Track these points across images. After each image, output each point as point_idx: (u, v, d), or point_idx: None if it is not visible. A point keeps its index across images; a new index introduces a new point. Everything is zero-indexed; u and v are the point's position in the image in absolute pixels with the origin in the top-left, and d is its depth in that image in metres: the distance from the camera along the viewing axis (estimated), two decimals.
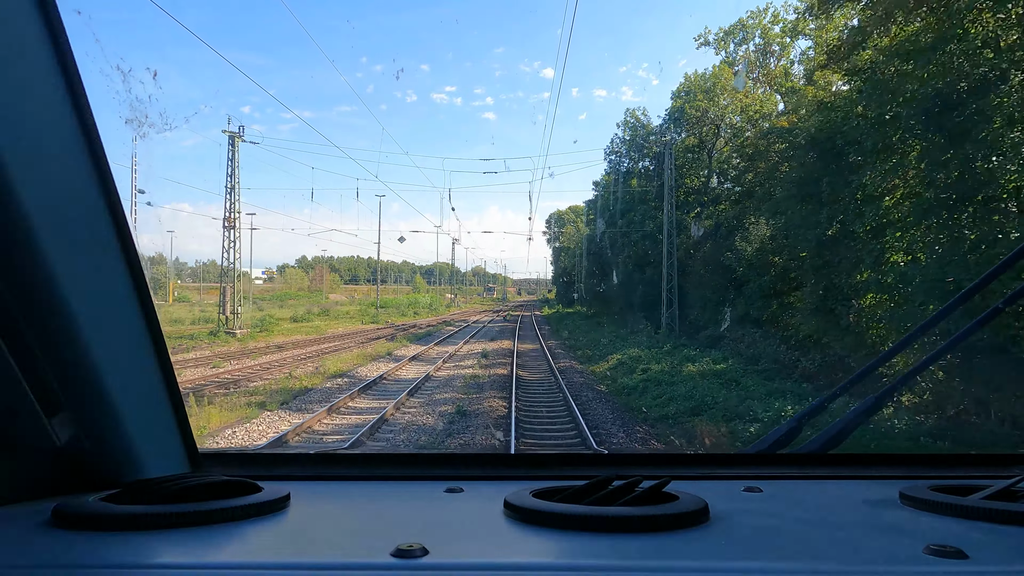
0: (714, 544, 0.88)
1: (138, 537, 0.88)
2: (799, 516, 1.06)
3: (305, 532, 0.94)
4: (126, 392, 1.06)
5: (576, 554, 0.85)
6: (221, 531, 0.91)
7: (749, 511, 1.05)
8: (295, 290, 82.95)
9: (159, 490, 1.00)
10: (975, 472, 1.32)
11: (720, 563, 0.81)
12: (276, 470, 1.31)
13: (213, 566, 0.80)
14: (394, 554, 0.81)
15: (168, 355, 1.16)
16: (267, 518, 0.98)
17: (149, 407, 1.14)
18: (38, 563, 0.80)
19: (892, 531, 0.96)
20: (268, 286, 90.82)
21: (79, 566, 0.79)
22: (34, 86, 0.89)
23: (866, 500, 1.13)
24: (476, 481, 1.24)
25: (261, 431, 11.00)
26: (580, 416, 12.16)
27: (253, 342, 26.34)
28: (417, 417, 12.26)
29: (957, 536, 0.89)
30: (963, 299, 1.45)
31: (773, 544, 0.90)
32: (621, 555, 0.82)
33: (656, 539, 0.88)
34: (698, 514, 0.96)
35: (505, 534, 0.93)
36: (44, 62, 0.90)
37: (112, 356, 1.03)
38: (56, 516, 0.93)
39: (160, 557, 0.83)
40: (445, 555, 0.83)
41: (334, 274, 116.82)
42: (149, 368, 1.13)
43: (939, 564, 0.79)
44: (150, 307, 1.10)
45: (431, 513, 1.06)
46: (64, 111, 0.93)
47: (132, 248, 1.05)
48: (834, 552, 0.86)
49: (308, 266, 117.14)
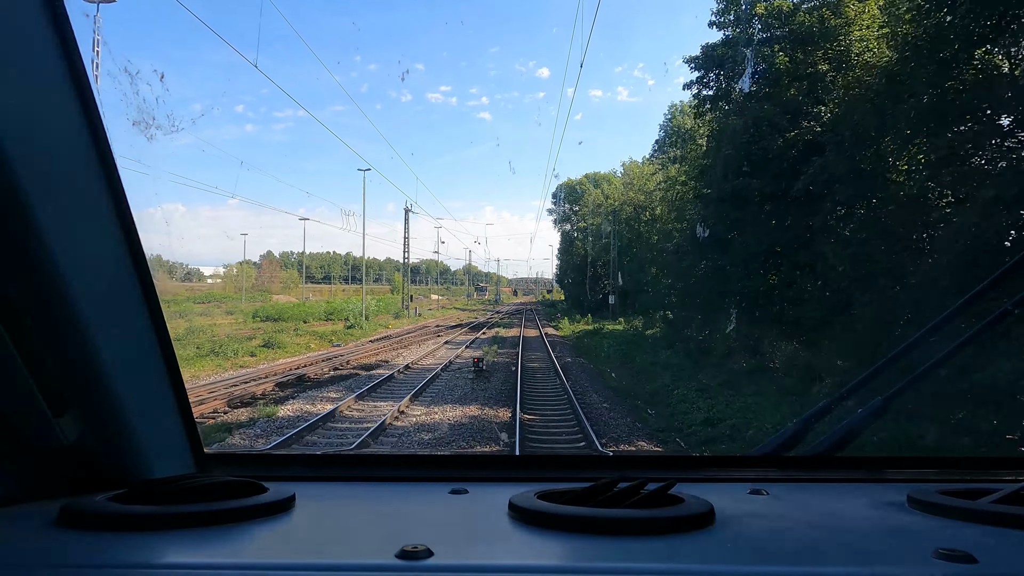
0: (720, 547, 0.87)
1: (144, 537, 0.88)
2: (806, 519, 1.05)
3: (310, 533, 0.94)
4: (132, 392, 1.07)
5: (581, 556, 0.85)
6: (227, 531, 0.91)
7: (755, 514, 1.05)
8: (232, 291, 66.40)
9: (165, 490, 1.00)
10: (984, 475, 1.31)
11: (726, 566, 0.81)
12: (281, 471, 1.31)
13: (219, 566, 0.80)
14: (399, 555, 0.81)
15: (174, 356, 1.17)
16: (272, 519, 0.98)
17: (155, 407, 1.15)
18: (45, 562, 0.80)
19: (900, 535, 0.95)
20: (201, 285, 74.51)
21: (86, 566, 0.80)
22: (43, 89, 0.90)
23: (874, 503, 1.12)
24: (481, 483, 1.23)
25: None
26: None
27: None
28: None
29: (966, 540, 0.88)
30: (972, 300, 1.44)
31: (779, 547, 0.89)
32: (626, 558, 0.82)
33: (662, 542, 0.87)
34: (704, 517, 0.95)
35: (510, 536, 0.93)
36: (53, 65, 0.90)
37: (119, 357, 1.03)
38: (63, 515, 0.93)
39: (166, 557, 0.83)
40: (450, 556, 0.82)
41: (289, 271, 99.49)
42: (155, 369, 1.14)
43: (948, 568, 0.79)
44: (156, 308, 1.11)
45: (436, 514, 1.06)
46: (73, 114, 0.94)
47: (139, 249, 1.05)
48: (841, 556, 0.86)
49: (282, 262, 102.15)
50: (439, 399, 13.53)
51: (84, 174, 0.96)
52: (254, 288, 73.37)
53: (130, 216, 1.03)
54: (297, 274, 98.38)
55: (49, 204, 0.88)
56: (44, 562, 0.81)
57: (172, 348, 1.16)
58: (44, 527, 0.92)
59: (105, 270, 1.02)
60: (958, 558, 0.80)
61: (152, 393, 1.14)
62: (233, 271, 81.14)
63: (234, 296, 60.48)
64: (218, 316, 38.58)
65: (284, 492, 1.05)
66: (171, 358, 1.15)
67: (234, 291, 65.99)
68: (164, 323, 1.13)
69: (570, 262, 60.07)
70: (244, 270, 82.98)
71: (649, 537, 0.89)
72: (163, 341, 1.13)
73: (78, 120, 0.94)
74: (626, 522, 0.91)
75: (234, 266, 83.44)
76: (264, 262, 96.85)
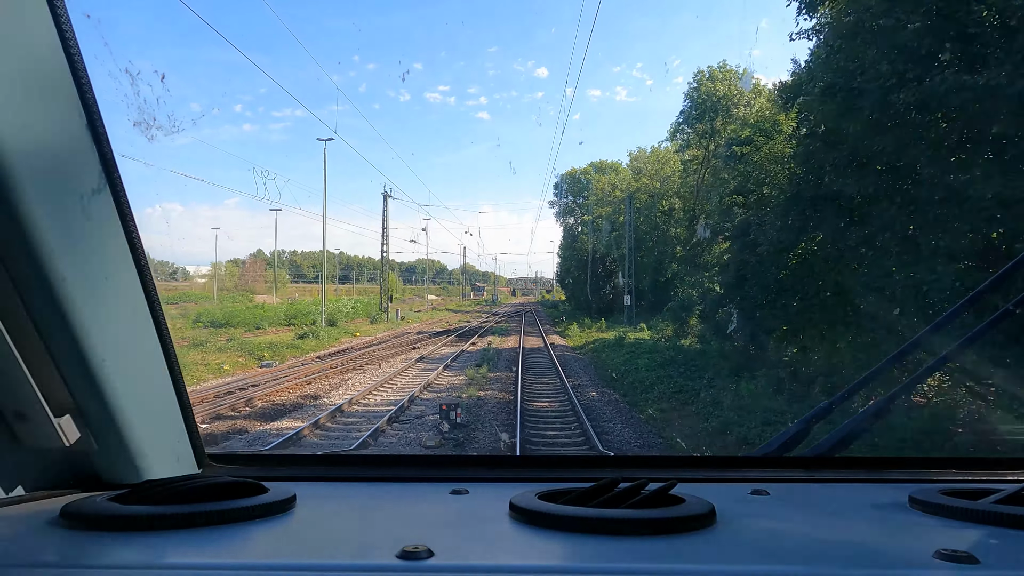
0: (721, 547, 0.87)
1: (145, 537, 0.88)
2: (807, 519, 1.05)
3: (311, 533, 0.94)
4: (134, 393, 1.07)
5: (582, 557, 0.85)
6: (228, 532, 0.91)
7: (756, 514, 1.05)
8: (212, 291, 61.48)
9: (166, 491, 1.01)
10: (986, 476, 1.31)
11: (727, 567, 0.81)
12: (282, 471, 1.31)
13: (220, 566, 0.80)
14: (400, 556, 0.81)
15: (176, 356, 1.17)
16: (273, 519, 0.98)
17: (157, 408, 1.15)
18: (47, 562, 0.80)
19: (901, 535, 0.95)
20: (185, 284, 71.30)
21: (87, 566, 0.80)
22: (44, 90, 0.90)
23: (875, 504, 1.11)
24: (482, 483, 1.23)
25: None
26: None
27: None
28: None
29: (968, 541, 0.88)
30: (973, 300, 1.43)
31: (781, 548, 0.89)
32: (628, 558, 0.82)
33: (663, 542, 0.87)
34: (705, 517, 0.95)
35: (511, 536, 0.93)
36: (54, 66, 0.90)
37: (121, 357, 1.04)
38: (65, 516, 0.93)
39: (167, 557, 0.83)
40: (450, 557, 0.82)
41: (280, 270, 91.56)
42: (157, 369, 1.14)
43: (949, 569, 0.78)
44: (158, 308, 1.11)
45: (437, 515, 1.06)
46: (74, 116, 0.94)
47: (140, 250, 1.05)
48: (842, 556, 0.85)
49: (274, 260, 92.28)
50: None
51: (85, 173, 0.96)
52: (237, 288, 68.90)
53: (131, 215, 1.03)
54: (287, 274, 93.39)
55: (49, 204, 0.88)
56: (45, 562, 0.81)
57: (173, 348, 1.16)
58: (45, 527, 0.92)
59: (106, 270, 1.02)
60: (960, 559, 0.80)
61: (153, 393, 1.14)
62: (221, 269, 77.56)
63: (208, 296, 56.44)
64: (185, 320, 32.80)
65: (285, 492, 1.05)
66: (172, 358, 1.16)
67: (215, 291, 61.69)
68: (165, 323, 1.13)
69: (573, 259, 54.02)
70: (226, 269, 78.83)
71: (650, 537, 0.89)
72: (164, 341, 1.13)
73: (78, 120, 0.94)
74: (627, 522, 0.91)
75: (222, 264, 79.49)
76: (249, 260, 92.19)
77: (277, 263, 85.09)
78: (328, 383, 15.95)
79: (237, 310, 36.61)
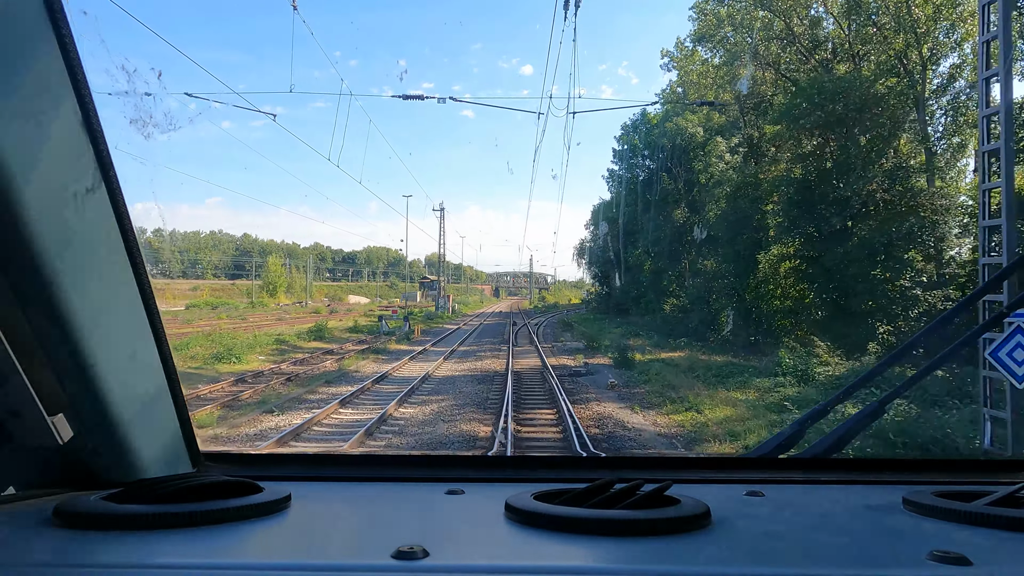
0: (716, 548, 0.88)
1: (139, 537, 0.88)
2: (801, 521, 1.05)
3: (306, 533, 0.94)
4: (128, 391, 1.07)
5: (577, 557, 0.85)
6: (222, 531, 0.91)
7: (751, 515, 1.05)
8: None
9: (161, 490, 1.00)
10: (979, 477, 1.31)
11: (722, 568, 0.81)
12: (277, 470, 1.31)
13: (214, 566, 0.80)
14: (395, 556, 0.81)
15: (171, 354, 1.16)
16: (268, 518, 0.98)
17: (151, 406, 1.15)
18: (39, 562, 0.80)
19: (895, 537, 0.95)
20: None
21: (80, 565, 0.79)
22: (40, 87, 0.89)
23: (869, 505, 1.12)
24: (477, 483, 1.23)
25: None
26: None
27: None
28: None
29: (961, 542, 0.89)
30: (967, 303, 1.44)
31: (775, 549, 0.90)
32: (623, 559, 0.82)
33: (658, 543, 0.88)
34: (700, 518, 0.95)
35: (506, 536, 0.93)
36: (50, 63, 0.90)
37: (115, 355, 1.03)
38: (58, 515, 0.93)
39: (161, 557, 0.83)
40: (446, 557, 0.82)
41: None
42: (152, 367, 1.14)
43: (942, 570, 0.79)
44: (153, 306, 1.10)
45: (432, 515, 1.06)
46: (69, 112, 0.93)
47: (135, 247, 1.05)
48: (837, 558, 0.86)
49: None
50: None
51: (80, 172, 0.96)
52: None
53: (127, 215, 1.03)
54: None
55: (44, 202, 0.88)
56: (38, 561, 0.80)
57: (168, 346, 1.15)
58: (39, 526, 0.91)
59: (101, 268, 1.01)
60: (953, 560, 0.80)
61: (148, 392, 1.13)
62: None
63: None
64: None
65: (280, 492, 1.05)
66: (167, 356, 1.15)
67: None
68: (160, 321, 1.12)
69: (605, 241, 34.17)
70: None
71: (645, 538, 0.89)
72: (159, 339, 1.13)
73: (75, 118, 0.93)
74: (622, 523, 0.91)
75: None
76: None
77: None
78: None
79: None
